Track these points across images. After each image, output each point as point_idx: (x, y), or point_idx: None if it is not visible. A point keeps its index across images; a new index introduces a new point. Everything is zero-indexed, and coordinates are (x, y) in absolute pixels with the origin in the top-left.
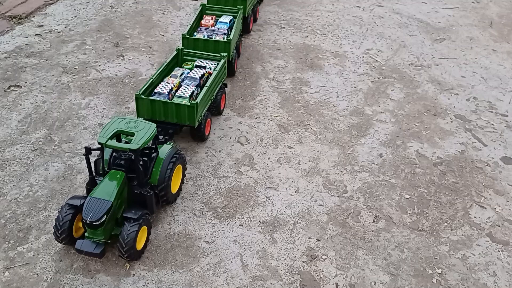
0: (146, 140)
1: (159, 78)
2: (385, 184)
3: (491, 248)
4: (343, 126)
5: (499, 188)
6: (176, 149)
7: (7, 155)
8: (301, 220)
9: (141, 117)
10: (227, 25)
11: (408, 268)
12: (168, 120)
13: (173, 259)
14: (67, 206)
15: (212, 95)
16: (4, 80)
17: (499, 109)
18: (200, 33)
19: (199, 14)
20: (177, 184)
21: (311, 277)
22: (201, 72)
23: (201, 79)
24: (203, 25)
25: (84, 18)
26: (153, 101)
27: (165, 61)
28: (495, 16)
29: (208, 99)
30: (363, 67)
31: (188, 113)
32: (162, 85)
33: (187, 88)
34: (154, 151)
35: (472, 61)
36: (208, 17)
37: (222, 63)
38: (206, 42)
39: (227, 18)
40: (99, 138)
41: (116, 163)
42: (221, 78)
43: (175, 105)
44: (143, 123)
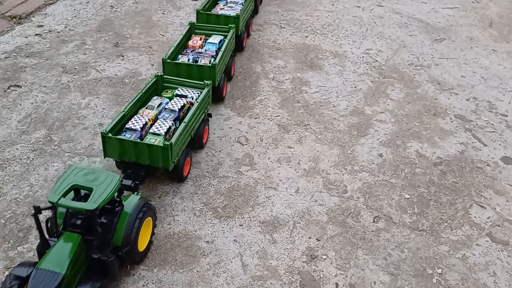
0: (106, 198)
1: (133, 109)
2: (385, 184)
3: (491, 248)
4: (343, 126)
5: (499, 188)
6: (145, 200)
7: (7, 155)
8: (301, 220)
9: (109, 157)
10: (216, 46)
11: (408, 268)
12: (139, 161)
13: (173, 259)
14: (12, 277)
15: (192, 130)
16: (4, 80)
17: (499, 109)
18: (185, 56)
19: (186, 34)
20: (145, 241)
21: (311, 277)
22: (182, 102)
23: (181, 111)
24: (190, 46)
25: (84, 18)
26: (122, 140)
27: (141, 89)
28: (495, 16)
29: (187, 136)
30: (363, 67)
31: (162, 154)
32: (136, 119)
33: (163, 123)
34: (118, 205)
35: (472, 61)
36: (196, 37)
37: (205, 92)
38: (189, 67)
39: (217, 38)
40: (51, 195)
41: (72, 224)
42: (204, 109)
43: (147, 146)
44: (105, 174)
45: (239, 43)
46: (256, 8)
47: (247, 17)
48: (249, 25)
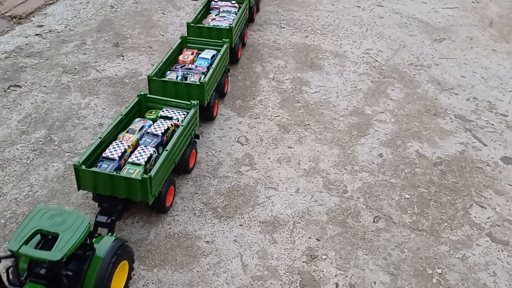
0: (73, 246)
1: (112, 135)
2: (385, 184)
3: (491, 248)
4: (343, 126)
5: (499, 188)
6: (121, 242)
7: (7, 155)
8: (301, 220)
9: (83, 189)
10: (208, 62)
11: (408, 268)
12: (116, 195)
13: (173, 259)
14: None
15: (176, 157)
16: (4, 80)
17: (499, 109)
18: (173, 72)
19: (177, 48)
20: (120, 286)
21: (311, 277)
22: (166, 125)
23: (164, 134)
24: (180, 61)
25: (84, 18)
26: (96, 173)
27: (121, 113)
28: (495, 16)
29: (170, 164)
30: (363, 67)
31: (140, 188)
32: (114, 146)
33: (144, 151)
34: (89, 249)
35: (472, 61)
36: (188, 51)
37: (192, 114)
38: (176, 85)
39: (210, 53)
40: (11, 242)
41: (35, 273)
42: (190, 132)
43: (124, 179)
44: (74, 216)
45: (234, 55)
46: (252, 16)
47: (241, 27)
48: (244, 35)
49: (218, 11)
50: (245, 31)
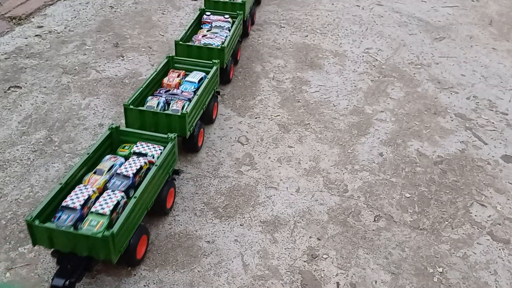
0: None
1: (76, 177)
2: (386, 183)
3: (492, 246)
4: (343, 125)
5: (499, 186)
6: None
7: (8, 156)
8: (301, 220)
9: (39, 245)
10: (194, 86)
11: (409, 267)
12: (76, 252)
13: (174, 259)
14: None
15: (149, 201)
16: (4, 81)
17: (499, 108)
18: (155, 98)
19: (163, 69)
20: None
21: (312, 277)
22: (139, 164)
23: (136, 175)
24: (164, 85)
25: (83, 19)
26: (51, 229)
27: (88, 150)
28: (494, 14)
29: (141, 211)
30: (363, 66)
31: (102, 246)
32: (77, 192)
33: (110, 197)
34: None
35: (472, 59)
36: (174, 73)
37: (169, 149)
38: (155, 116)
39: (197, 76)
40: None
41: None
42: (167, 170)
43: (84, 237)
44: None
45: (225, 75)
46: (246, 31)
47: (235, 44)
48: (237, 52)
49: (210, 26)
50: (238, 48)
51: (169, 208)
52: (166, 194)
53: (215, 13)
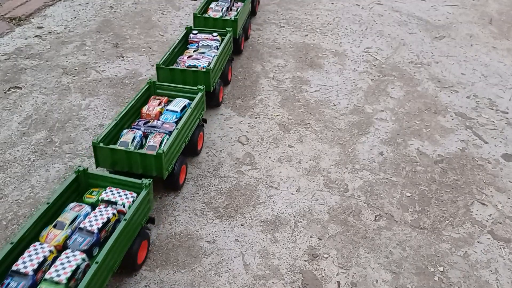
0: None
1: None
2: (386, 182)
3: (493, 245)
4: (344, 125)
5: (500, 185)
6: None
7: (8, 156)
8: (302, 219)
9: None
10: (177, 116)
11: (410, 266)
12: None
13: (175, 259)
14: None
15: (116, 261)
16: (4, 82)
17: (500, 106)
18: (131, 132)
19: (143, 95)
20: None
21: (313, 276)
22: (105, 216)
23: (102, 230)
24: (143, 115)
25: (83, 19)
26: None
27: (48, 201)
28: (494, 13)
29: (105, 274)
30: (363, 65)
31: None
32: (32, 253)
33: (69, 260)
34: None
35: (472, 58)
36: (155, 101)
37: (142, 197)
38: (129, 155)
39: (181, 103)
40: None
41: None
42: (141, 220)
43: None
44: None
45: (214, 98)
46: (239, 48)
47: (223, 64)
48: (228, 72)
49: (197, 45)
50: (228, 67)
51: (140, 264)
52: (137, 249)
53: (203, 31)
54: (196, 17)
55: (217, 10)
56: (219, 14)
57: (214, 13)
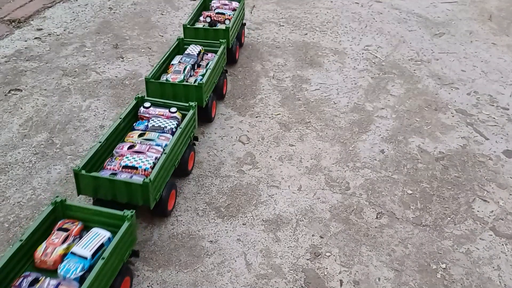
0: None
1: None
2: (388, 180)
3: (495, 242)
4: (344, 123)
5: (501, 181)
6: None
7: (9, 159)
8: (304, 218)
9: None
10: (85, 265)
11: (412, 263)
12: None
13: (177, 259)
14: None
15: None
16: (4, 84)
17: (500, 103)
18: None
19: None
20: None
21: (316, 275)
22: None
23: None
24: (36, 261)
25: (83, 21)
26: None
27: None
28: (494, 9)
29: None
30: (363, 63)
31: None
32: None
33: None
34: None
35: (472, 55)
36: (58, 234)
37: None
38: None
39: (95, 242)
40: None
41: None
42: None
43: None
44: None
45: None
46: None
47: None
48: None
49: (146, 125)
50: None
51: None
52: None
53: (158, 103)
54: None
55: (177, 72)
56: (179, 78)
57: (173, 76)
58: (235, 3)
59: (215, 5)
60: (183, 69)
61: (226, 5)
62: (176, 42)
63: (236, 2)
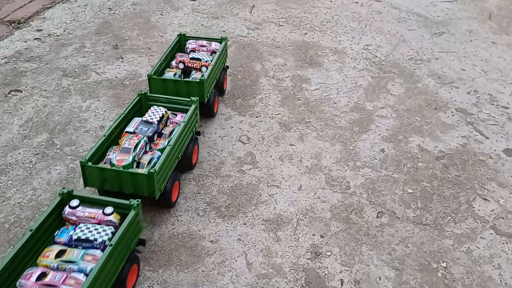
0: None
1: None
2: (388, 179)
3: (496, 240)
4: (344, 123)
5: (502, 180)
6: None
7: (10, 159)
8: (304, 217)
9: None
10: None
11: (413, 262)
12: None
13: (177, 259)
14: None
15: None
16: (4, 85)
17: (500, 102)
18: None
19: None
20: None
21: (316, 274)
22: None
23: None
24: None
25: (82, 21)
26: None
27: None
28: (494, 8)
29: None
30: (363, 63)
31: None
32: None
33: None
34: None
35: (472, 54)
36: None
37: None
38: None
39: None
40: None
41: None
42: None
43: None
44: None
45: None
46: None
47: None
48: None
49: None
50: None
51: None
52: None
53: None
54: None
55: (125, 151)
56: (126, 161)
57: (120, 158)
58: (216, 44)
59: (190, 46)
60: (134, 146)
61: (204, 47)
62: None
63: (216, 42)
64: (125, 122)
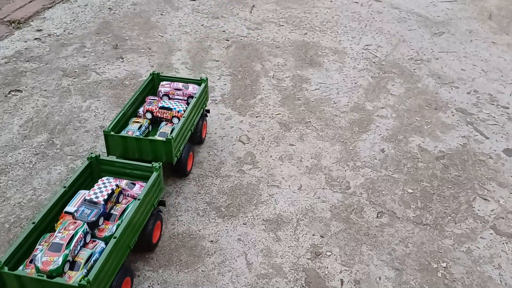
0: None
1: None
2: (388, 179)
3: (496, 240)
4: (344, 123)
5: (502, 180)
6: None
7: (10, 159)
8: (304, 217)
9: None
10: None
11: (413, 262)
12: None
13: (177, 259)
14: None
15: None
16: (4, 85)
17: (500, 102)
18: None
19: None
20: None
21: (316, 274)
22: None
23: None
24: None
25: (82, 21)
26: None
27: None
28: (494, 8)
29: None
30: (363, 63)
31: None
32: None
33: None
34: None
35: (472, 54)
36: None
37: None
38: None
39: None
40: None
41: None
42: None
43: None
44: None
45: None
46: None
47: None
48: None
49: None
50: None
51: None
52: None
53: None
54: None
55: (55, 249)
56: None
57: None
58: (193, 86)
59: (163, 90)
60: (68, 240)
61: (179, 90)
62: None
63: (194, 85)
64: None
